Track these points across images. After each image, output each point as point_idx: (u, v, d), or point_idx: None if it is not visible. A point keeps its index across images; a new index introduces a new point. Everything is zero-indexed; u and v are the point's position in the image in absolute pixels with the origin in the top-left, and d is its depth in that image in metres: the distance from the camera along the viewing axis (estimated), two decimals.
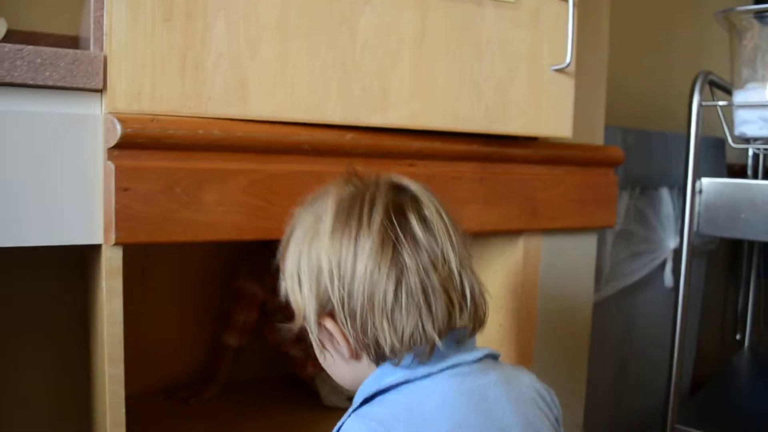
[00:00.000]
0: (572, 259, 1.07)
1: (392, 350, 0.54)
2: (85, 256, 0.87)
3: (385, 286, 0.52)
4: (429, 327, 0.53)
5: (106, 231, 0.69)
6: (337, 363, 0.60)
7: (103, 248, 0.69)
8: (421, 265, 0.53)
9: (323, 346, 0.59)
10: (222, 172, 0.72)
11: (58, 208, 0.67)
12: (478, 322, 0.58)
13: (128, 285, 0.70)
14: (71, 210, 0.68)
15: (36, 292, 1.02)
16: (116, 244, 0.68)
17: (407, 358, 0.54)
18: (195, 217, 0.71)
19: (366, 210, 0.54)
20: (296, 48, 0.75)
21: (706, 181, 1.28)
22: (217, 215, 0.72)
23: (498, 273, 1.05)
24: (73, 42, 0.98)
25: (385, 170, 0.82)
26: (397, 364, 0.55)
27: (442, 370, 0.55)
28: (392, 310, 0.52)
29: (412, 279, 0.53)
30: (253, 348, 1.18)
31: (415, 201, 0.57)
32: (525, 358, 1.03)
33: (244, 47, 0.72)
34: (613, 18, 1.11)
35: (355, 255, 0.53)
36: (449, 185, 0.88)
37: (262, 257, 1.15)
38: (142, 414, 1.02)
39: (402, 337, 0.53)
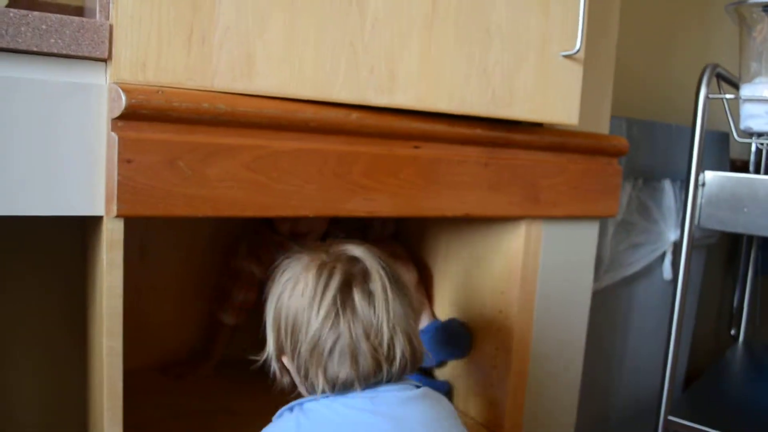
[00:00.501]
0: (573, 248, 1.07)
1: (322, 391, 0.67)
2: (85, 229, 0.86)
3: (323, 346, 0.66)
4: (354, 381, 0.66)
5: (107, 203, 0.68)
6: (293, 381, 0.73)
7: (105, 220, 0.68)
8: (354, 335, 0.66)
9: (282, 371, 0.73)
10: (226, 147, 0.71)
11: (60, 178, 0.66)
12: (405, 373, 0.70)
13: (127, 260, 0.70)
14: (73, 180, 0.67)
15: (36, 265, 1.02)
16: (117, 216, 0.67)
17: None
18: (197, 192, 0.70)
19: (323, 281, 0.68)
20: (305, 25, 0.74)
21: (709, 175, 1.27)
22: (220, 190, 0.71)
23: (498, 259, 1.05)
24: (78, 12, 0.97)
25: (390, 151, 0.82)
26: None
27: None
28: (326, 365, 0.66)
29: (346, 344, 0.66)
30: (248, 326, 1.18)
31: (365, 275, 0.69)
32: (522, 344, 1.03)
33: (252, 22, 0.71)
34: (622, 7, 1.10)
35: (309, 319, 0.67)
36: (453, 169, 0.87)
37: (261, 237, 1.15)
38: (137, 389, 1.02)
39: (331, 384, 0.67)
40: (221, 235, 1.19)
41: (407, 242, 1.27)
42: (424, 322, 1.18)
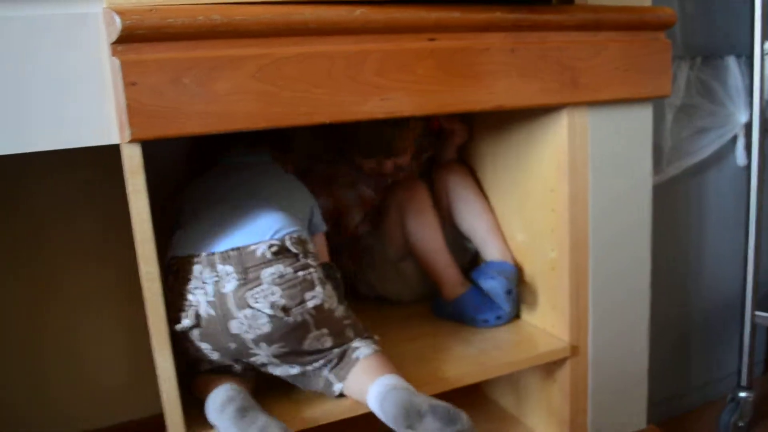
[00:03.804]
0: (625, 135, 0.99)
1: None
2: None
3: None
4: None
5: (121, 129, 0.68)
6: None
7: (122, 147, 0.69)
8: None
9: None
10: (229, 59, 0.70)
11: (71, 111, 0.67)
12: None
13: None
14: (85, 111, 0.68)
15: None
16: (132, 141, 0.67)
17: None
18: (207, 108, 0.69)
19: None
20: None
21: None
22: (230, 104, 0.70)
23: (544, 155, 0.99)
24: None
25: (402, 46, 0.78)
26: None
27: None
28: None
29: None
30: None
31: None
32: (580, 242, 0.98)
33: None
34: None
35: None
36: (477, 58, 0.82)
37: (337, 171, 1.14)
38: None
39: None
40: None
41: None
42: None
